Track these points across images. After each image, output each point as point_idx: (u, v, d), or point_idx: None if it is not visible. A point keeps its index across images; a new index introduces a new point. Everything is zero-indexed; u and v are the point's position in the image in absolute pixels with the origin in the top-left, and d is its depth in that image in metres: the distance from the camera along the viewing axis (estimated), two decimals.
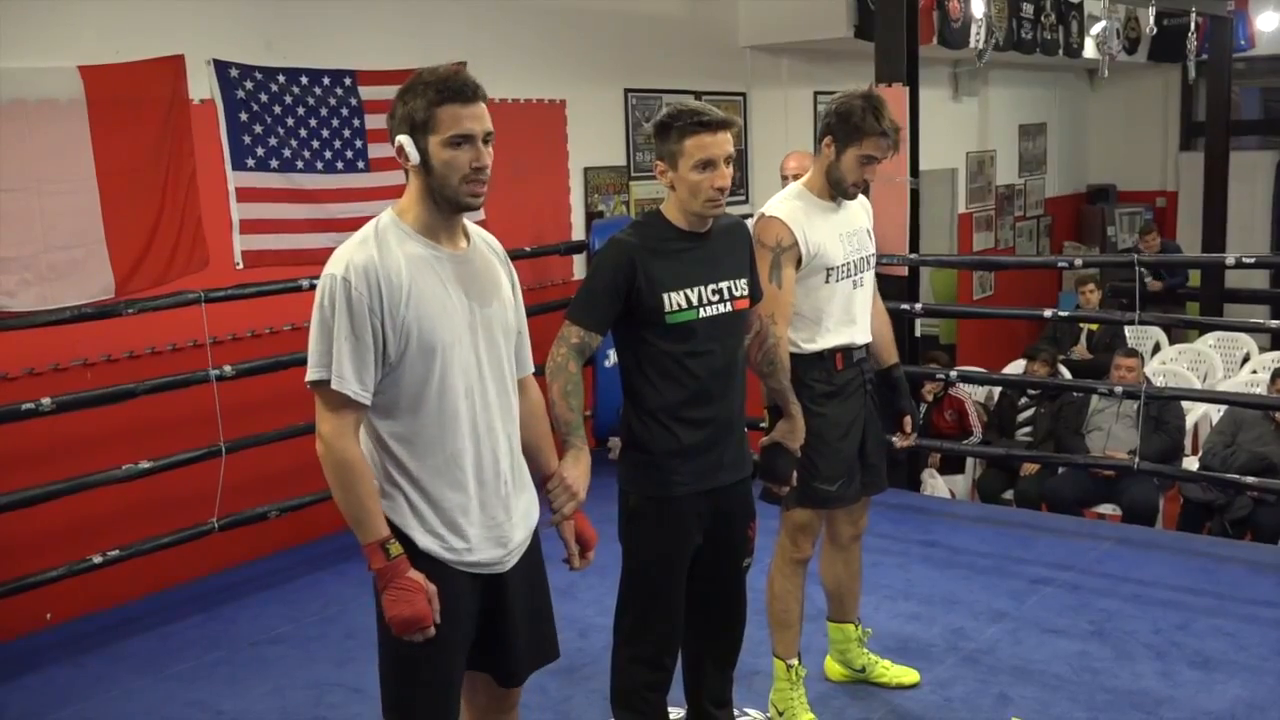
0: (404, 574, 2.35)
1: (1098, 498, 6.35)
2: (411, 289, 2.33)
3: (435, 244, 2.41)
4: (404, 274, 2.32)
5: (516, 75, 6.51)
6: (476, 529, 2.46)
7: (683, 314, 2.92)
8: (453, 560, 2.43)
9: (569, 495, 2.72)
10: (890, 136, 3.39)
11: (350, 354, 2.30)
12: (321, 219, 5.59)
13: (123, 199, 4.85)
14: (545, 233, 6.66)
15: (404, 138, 2.34)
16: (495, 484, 2.49)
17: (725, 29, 7.80)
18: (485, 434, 2.46)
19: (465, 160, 2.34)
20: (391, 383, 2.36)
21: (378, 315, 2.30)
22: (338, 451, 2.33)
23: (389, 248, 2.34)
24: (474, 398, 2.44)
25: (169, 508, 4.92)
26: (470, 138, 2.34)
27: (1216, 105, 10.22)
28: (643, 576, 3.09)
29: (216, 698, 4.10)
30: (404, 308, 2.32)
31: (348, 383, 2.30)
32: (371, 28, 5.81)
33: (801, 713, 3.66)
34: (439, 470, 2.41)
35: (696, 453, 2.99)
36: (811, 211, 3.47)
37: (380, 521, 2.35)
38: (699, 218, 2.96)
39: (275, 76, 5.39)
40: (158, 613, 4.83)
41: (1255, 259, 6.60)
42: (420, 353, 2.35)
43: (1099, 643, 4.28)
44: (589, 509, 2.82)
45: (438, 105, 2.31)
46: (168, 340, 5.02)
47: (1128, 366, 6.44)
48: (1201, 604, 4.62)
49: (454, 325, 2.39)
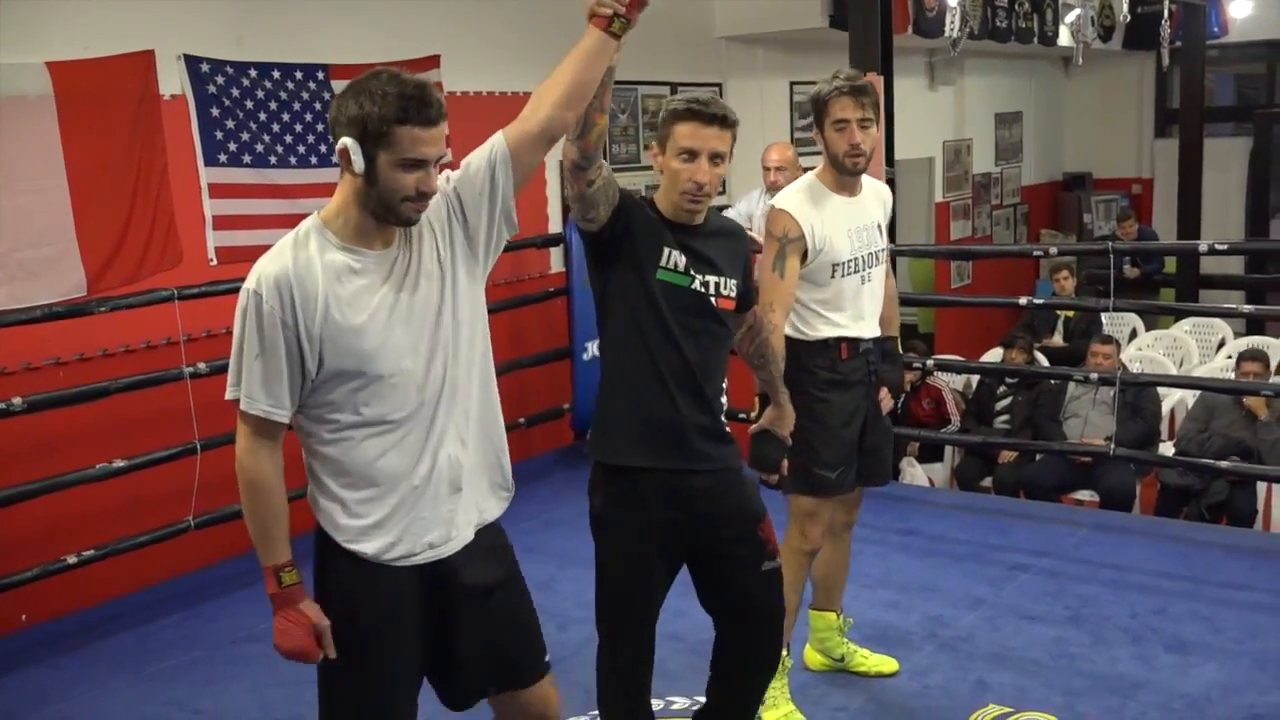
0: (294, 604, 2.29)
1: (1075, 484, 6.40)
2: (330, 300, 2.19)
3: (364, 251, 2.25)
4: (320, 284, 2.19)
5: (490, 68, 6.50)
6: (401, 527, 2.33)
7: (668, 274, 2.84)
8: (377, 557, 2.33)
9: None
10: (848, 91, 3.33)
11: (260, 372, 2.20)
12: (296, 214, 5.48)
13: (94, 196, 4.82)
14: (522, 226, 6.58)
15: (351, 142, 2.17)
16: (434, 494, 2.35)
17: (701, 20, 7.81)
18: (426, 446, 2.33)
19: (412, 183, 2.19)
20: (320, 397, 2.27)
21: (290, 328, 2.18)
22: (247, 470, 2.29)
23: (308, 257, 2.21)
24: (417, 411, 2.30)
25: (144, 507, 4.91)
26: (424, 163, 2.21)
27: (1191, 92, 10.29)
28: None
29: (195, 696, 4.09)
30: (320, 321, 2.19)
31: (256, 402, 2.22)
32: (344, 22, 5.79)
33: (783, 703, 3.66)
34: (370, 481, 2.31)
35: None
36: (821, 204, 3.45)
37: (280, 546, 2.30)
38: (683, 211, 2.90)
39: (247, 71, 5.36)
40: (134, 612, 4.81)
41: (1228, 245, 6.67)
42: (341, 367, 2.23)
43: (1076, 628, 4.31)
44: (573, 505, 2.82)
45: (397, 124, 2.15)
46: (141, 338, 5.00)
47: (1104, 353, 6.48)
48: (1178, 588, 4.66)
49: (383, 337, 2.24)
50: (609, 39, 2.42)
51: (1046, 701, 3.77)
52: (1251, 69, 11.94)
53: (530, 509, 5.90)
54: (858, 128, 3.35)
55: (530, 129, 2.38)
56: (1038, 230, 12.27)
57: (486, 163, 2.38)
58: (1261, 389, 5.89)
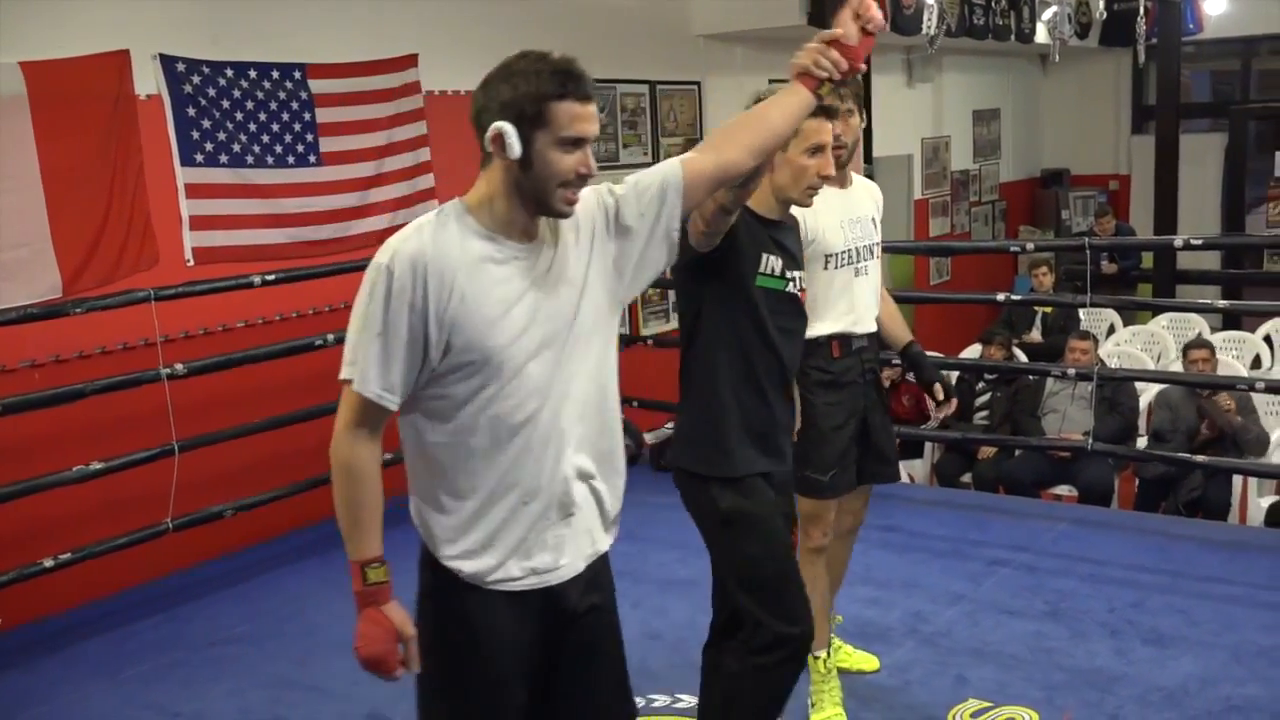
0: (377, 605, 2.10)
1: (1054, 479, 6.42)
2: (465, 287, 2.05)
3: (508, 241, 2.11)
4: (457, 269, 2.05)
5: (469, 67, 6.39)
6: (506, 547, 2.15)
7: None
8: (477, 578, 2.15)
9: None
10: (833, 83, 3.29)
11: (379, 352, 2.05)
12: (273, 214, 5.56)
13: (68, 196, 4.79)
14: None
15: (506, 125, 2.03)
16: (545, 516, 2.17)
17: (679, 18, 7.81)
18: (542, 462, 2.14)
19: (571, 165, 2.07)
20: (438, 390, 2.10)
21: (418, 311, 2.04)
22: (344, 453, 2.10)
23: (447, 239, 2.07)
24: (537, 418, 2.12)
25: (122, 509, 4.88)
26: (583, 141, 2.09)
27: (1167, 89, 10.32)
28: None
29: (174, 700, 4.07)
30: (451, 306, 2.04)
31: (369, 384, 2.06)
32: (321, 21, 5.76)
33: (829, 705, 3.62)
34: (478, 491, 2.13)
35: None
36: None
37: (370, 539, 2.11)
38: (798, 205, 2.93)
39: (223, 70, 5.34)
40: (113, 615, 4.78)
41: (1203, 240, 6.70)
42: (467, 359, 2.07)
43: (1054, 622, 4.33)
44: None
45: (556, 99, 2.06)
46: (118, 339, 4.97)
47: (1081, 349, 6.50)
48: (1155, 582, 4.69)
49: (515, 334, 2.09)
50: (813, 100, 2.33)
51: (1025, 696, 3.78)
52: (1226, 65, 12.02)
53: None
54: (840, 118, 3.22)
55: (708, 168, 2.25)
56: (1016, 227, 12.31)
57: (659, 185, 2.24)
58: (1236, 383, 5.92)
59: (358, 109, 5.86)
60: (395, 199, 6.06)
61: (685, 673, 3.97)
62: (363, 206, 5.92)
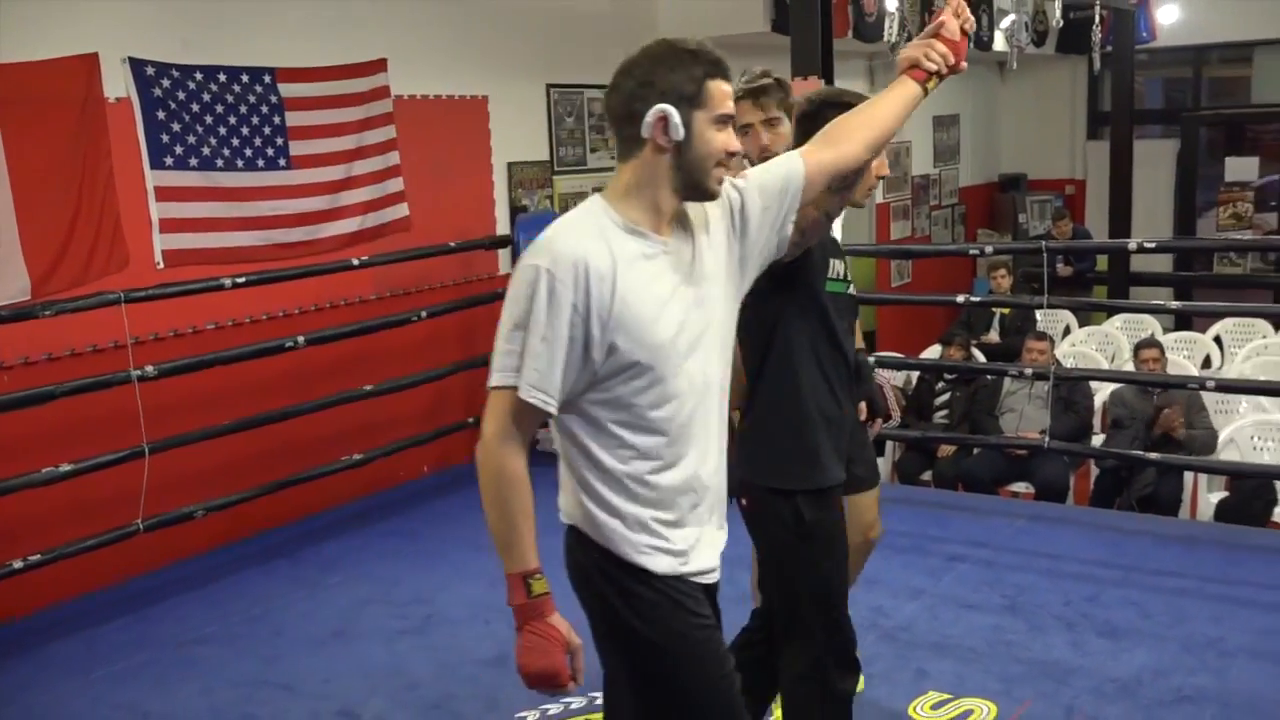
0: (543, 617, 2.03)
1: (1011, 476, 6.48)
2: (624, 286, 2.01)
3: (653, 236, 2.09)
4: (614, 268, 2.01)
5: (437, 72, 6.47)
6: (685, 544, 2.15)
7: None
8: (682, 571, 2.14)
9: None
10: (744, 95, 3.13)
11: (543, 356, 1.99)
12: (243, 217, 5.52)
13: (37, 199, 4.73)
14: (470, 228, 6.63)
15: (670, 109, 2.03)
16: (702, 514, 2.18)
17: (645, 24, 7.81)
18: (693, 460, 2.14)
19: (724, 142, 2.08)
20: (601, 393, 2.06)
21: (580, 313, 1.98)
22: (497, 461, 2.03)
23: (600, 237, 2.03)
24: (693, 417, 2.12)
25: (93, 510, 4.83)
26: (730, 119, 2.11)
27: (1121, 95, 10.43)
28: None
29: (144, 699, 4.04)
30: (613, 307, 2.00)
31: (534, 390, 2.00)
32: (291, 25, 5.73)
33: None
34: (657, 492, 2.11)
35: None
36: None
37: (530, 549, 2.04)
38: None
39: (192, 74, 5.30)
40: (82, 616, 4.74)
41: (1156, 243, 6.78)
42: (631, 359, 2.04)
43: (1012, 616, 4.37)
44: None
45: (710, 79, 2.07)
46: (88, 341, 4.92)
47: (1038, 349, 6.57)
48: (1110, 576, 4.74)
49: (673, 331, 2.07)
50: (921, 93, 2.32)
51: (985, 688, 3.82)
52: (1179, 73, 12.14)
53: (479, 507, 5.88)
54: (763, 129, 3.19)
55: (826, 162, 2.25)
56: (975, 230, 12.40)
57: (782, 179, 2.22)
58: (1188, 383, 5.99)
59: (327, 113, 5.84)
60: (365, 202, 6.04)
61: None
62: (333, 209, 5.89)
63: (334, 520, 5.73)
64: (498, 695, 3.92)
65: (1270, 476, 5.89)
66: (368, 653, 4.29)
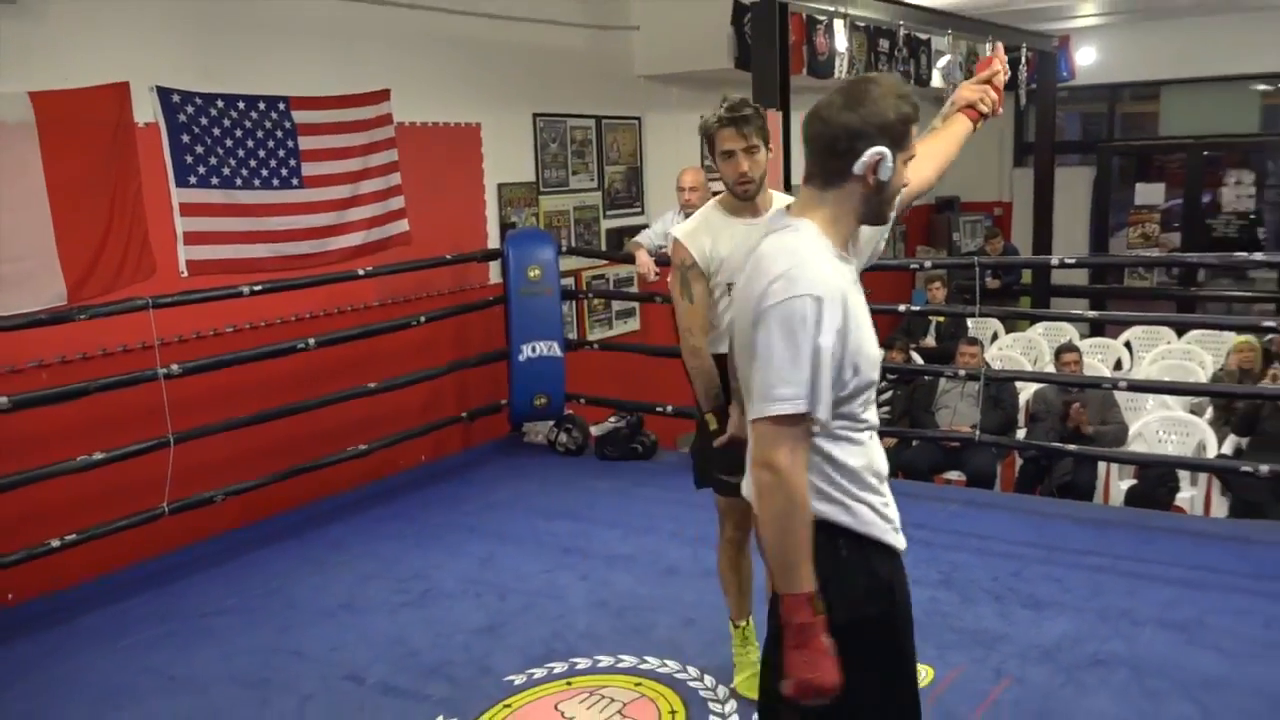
0: (822, 634, 1.94)
1: (946, 466, 6.52)
2: (854, 312, 1.99)
3: (851, 261, 2.09)
4: (847, 295, 1.98)
5: (436, 101, 6.45)
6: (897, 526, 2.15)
7: None
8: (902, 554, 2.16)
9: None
10: (729, 123, 3.12)
11: (823, 379, 1.92)
12: (260, 231, 5.49)
13: (73, 214, 4.70)
14: (464, 242, 6.62)
15: (888, 152, 1.98)
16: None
17: (623, 60, 7.83)
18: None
19: (905, 179, 2.09)
20: (843, 406, 2.02)
21: (840, 336, 1.94)
22: (795, 487, 1.92)
23: (834, 266, 2.00)
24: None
25: (122, 494, 4.79)
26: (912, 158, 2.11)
27: (1044, 128, 10.52)
28: None
29: (169, 664, 4.01)
30: (851, 330, 1.97)
31: (821, 409, 1.92)
32: (303, 58, 5.71)
33: (748, 668, 3.55)
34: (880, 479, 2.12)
35: None
36: (715, 228, 3.25)
37: (811, 570, 1.95)
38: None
39: (214, 102, 5.27)
40: (112, 591, 4.70)
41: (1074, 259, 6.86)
42: (868, 376, 2.03)
43: (947, 590, 4.39)
44: (510, 489, 2.71)
45: (913, 124, 2.03)
46: (119, 342, 4.89)
47: (970, 353, 6.62)
48: (1033, 554, 4.77)
49: (874, 344, 2.07)
50: (971, 129, 2.50)
51: (922, 654, 3.75)
52: (1094, 108, 12.26)
53: (472, 492, 5.88)
54: (743, 156, 3.14)
55: (913, 186, 2.29)
56: (914, 247, 12.47)
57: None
58: (1102, 383, 6.06)
59: (336, 137, 5.82)
60: (369, 218, 6.02)
61: (627, 636, 4.02)
62: (340, 225, 5.87)
63: (340, 504, 5.71)
64: (488, 661, 3.92)
65: (1173, 465, 5.96)
66: (371, 623, 4.28)
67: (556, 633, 4.12)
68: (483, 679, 3.79)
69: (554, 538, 5.13)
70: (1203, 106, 11.06)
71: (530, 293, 6.38)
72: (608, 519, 5.33)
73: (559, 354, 6.43)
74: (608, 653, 3.94)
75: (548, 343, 6.40)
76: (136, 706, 3.72)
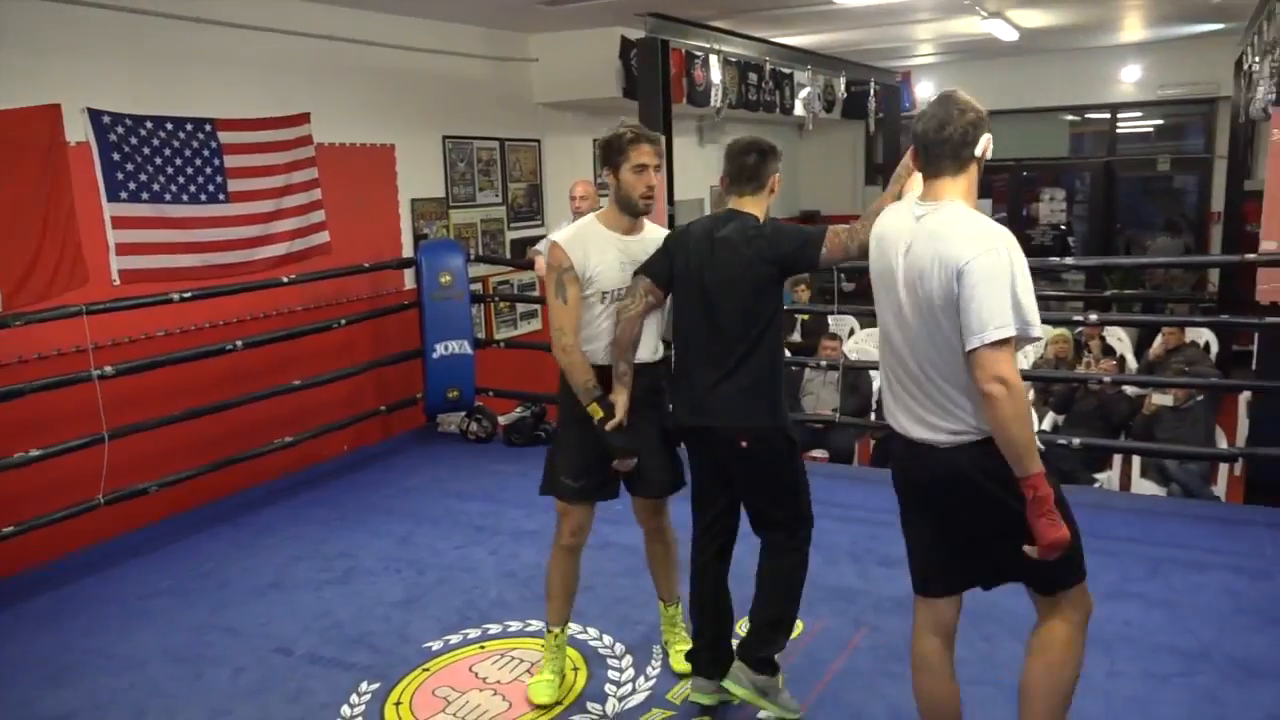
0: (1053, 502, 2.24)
1: (812, 445, 6.63)
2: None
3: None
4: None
5: (354, 124, 6.32)
6: None
7: None
8: None
9: None
10: (647, 139, 3.07)
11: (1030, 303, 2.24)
12: (189, 242, 5.30)
13: (7, 227, 4.46)
14: (381, 253, 6.50)
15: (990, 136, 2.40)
16: None
17: (523, 88, 7.78)
18: None
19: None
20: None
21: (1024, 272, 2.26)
22: (1020, 392, 2.21)
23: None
24: None
25: (60, 488, 4.58)
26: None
27: (890, 151, 10.82)
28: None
29: (109, 645, 3.85)
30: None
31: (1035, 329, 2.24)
32: (227, 81, 5.52)
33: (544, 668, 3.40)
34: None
35: None
36: (593, 239, 3.10)
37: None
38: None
39: (144, 122, 5.06)
40: (55, 576, 4.49)
41: None
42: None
43: (814, 553, 4.39)
44: (426, 474, 2.69)
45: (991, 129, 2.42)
46: (53, 346, 4.66)
47: (830, 346, 6.76)
48: (886, 519, 4.80)
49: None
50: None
51: None
52: None
53: (391, 477, 5.78)
54: (653, 172, 3.07)
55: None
56: None
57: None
58: None
59: (260, 156, 5.64)
60: (292, 230, 5.85)
61: (534, 603, 4.00)
62: (265, 236, 5.70)
63: (269, 492, 5.55)
64: (408, 630, 3.87)
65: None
66: (299, 600, 4.18)
67: (470, 602, 4.08)
68: (403, 646, 3.74)
69: (466, 517, 5.08)
70: (1022, 133, 11.52)
71: (442, 296, 6.30)
72: (515, 499, 5.30)
73: (469, 351, 6.37)
74: (517, 619, 3.93)
75: (459, 341, 6.33)
76: (79, 685, 3.56)
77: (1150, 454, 5.92)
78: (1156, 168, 11.17)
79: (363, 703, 3.35)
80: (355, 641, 3.80)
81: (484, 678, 3.49)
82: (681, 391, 3.08)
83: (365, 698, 3.38)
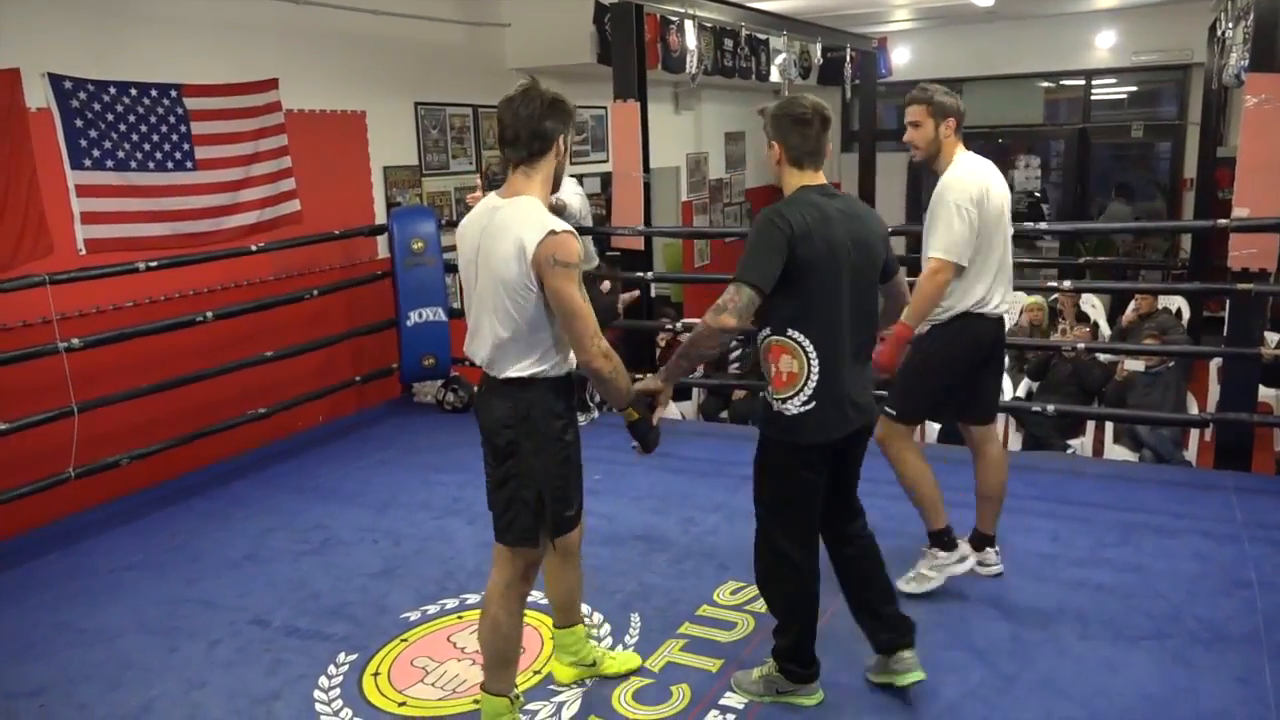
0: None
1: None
2: None
3: None
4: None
5: (324, 90, 6.21)
6: None
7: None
8: None
9: None
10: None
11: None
12: (156, 210, 5.20)
13: None
14: (352, 219, 6.41)
15: None
16: None
17: (496, 54, 7.67)
18: None
19: None
20: None
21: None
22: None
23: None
24: None
25: (29, 461, 4.51)
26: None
27: (866, 118, 10.80)
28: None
29: (79, 619, 3.81)
30: None
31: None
32: (194, 47, 5.40)
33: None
34: None
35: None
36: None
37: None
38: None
39: (107, 89, 4.94)
40: (21, 551, 4.44)
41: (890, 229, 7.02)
42: None
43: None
44: (401, 446, 2.66)
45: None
46: (18, 318, 4.58)
47: None
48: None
49: None
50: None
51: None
52: None
53: (367, 448, 5.75)
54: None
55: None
56: None
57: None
58: None
59: (227, 123, 5.53)
60: (260, 199, 5.76)
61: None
62: (234, 204, 5.60)
63: (243, 464, 5.50)
64: (386, 601, 3.85)
65: None
66: (275, 572, 4.15)
67: (448, 573, 4.08)
68: (381, 617, 3.73)
69: (443, 488, 5.06)
70: (997, 100, 11.52)
71: (415, 263, 6.23)
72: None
73: (444, 319, 6.32)
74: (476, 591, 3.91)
75: (433, 309, 6.28)
76: (50, 659, 3.52)
77: (1123, 420, 5.98)
78: (1131, 134, 11.21)
79: (341, 673, 3.34)
80: (332, 612, 3.78)
81: (462, 648, 3.48)
82: (828, 403, 2.76)
83: (343, 668, 3.37)
